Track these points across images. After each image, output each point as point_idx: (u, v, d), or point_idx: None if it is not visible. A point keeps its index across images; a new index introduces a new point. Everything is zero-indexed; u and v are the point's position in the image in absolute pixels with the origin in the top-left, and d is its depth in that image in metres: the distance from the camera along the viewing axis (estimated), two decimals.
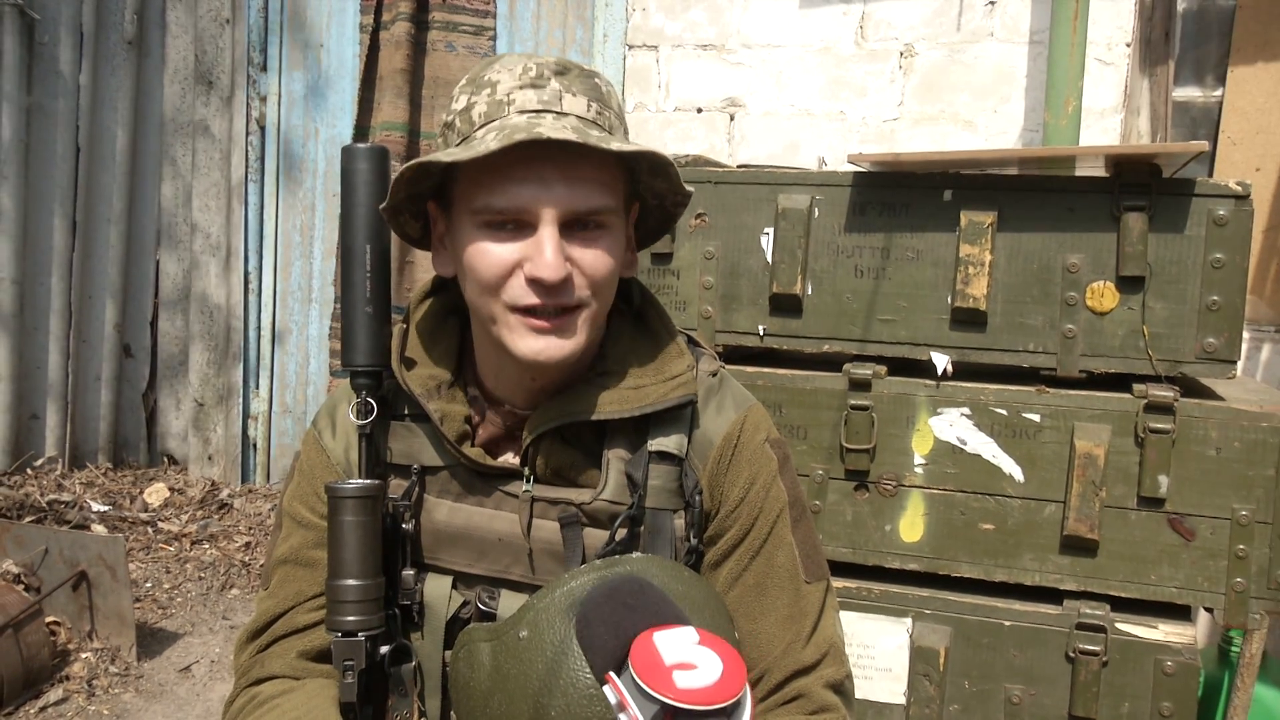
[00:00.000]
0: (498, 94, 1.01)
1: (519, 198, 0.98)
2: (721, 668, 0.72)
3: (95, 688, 2.88)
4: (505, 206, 0.99)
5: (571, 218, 1.00)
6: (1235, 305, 1.80)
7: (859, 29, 3.48)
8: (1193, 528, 1.82)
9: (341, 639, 1.05)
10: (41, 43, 4.34)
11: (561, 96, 1.01)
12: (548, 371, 1.08)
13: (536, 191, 0.98)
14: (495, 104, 1.01)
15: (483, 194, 1.00)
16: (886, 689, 1.95)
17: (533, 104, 1.00)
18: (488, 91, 1.02)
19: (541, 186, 0.98)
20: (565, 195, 0.99)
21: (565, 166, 0.99)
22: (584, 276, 1.02)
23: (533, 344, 1.02)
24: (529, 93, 1.00)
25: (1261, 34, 3.24)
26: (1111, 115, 3.24)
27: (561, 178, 0.98)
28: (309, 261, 4.37)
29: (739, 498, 1.11)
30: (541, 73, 1.02)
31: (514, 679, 0.96)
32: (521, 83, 1.01)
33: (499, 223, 1.00)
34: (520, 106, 1.00)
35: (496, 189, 0.99)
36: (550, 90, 1.01)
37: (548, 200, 0.98)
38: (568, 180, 0.99)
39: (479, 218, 1.01)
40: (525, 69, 1.02)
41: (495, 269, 1.01)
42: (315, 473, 1.16)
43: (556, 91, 1.01)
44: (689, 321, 2.09)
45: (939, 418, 1.93)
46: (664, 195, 1.14)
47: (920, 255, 1.95)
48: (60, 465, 4.36)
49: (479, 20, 3.95)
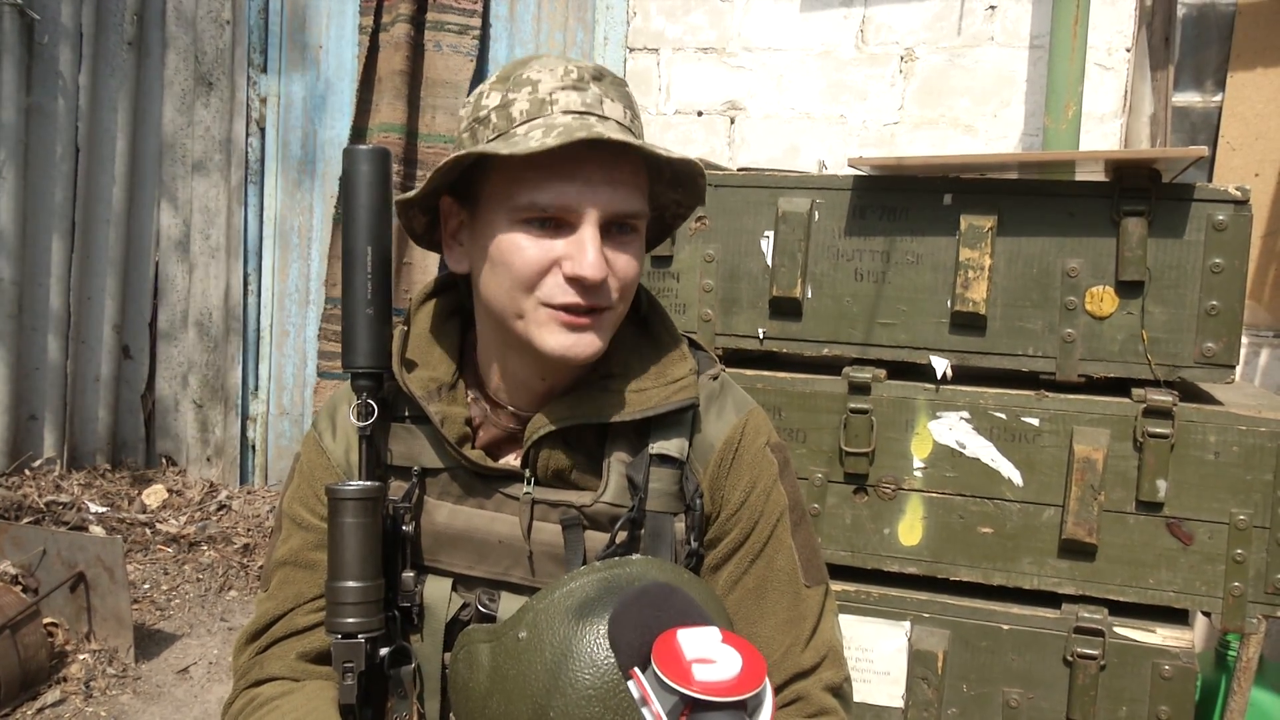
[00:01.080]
0: (539, 93, 1.01)
1: (564, 196, 0.99)
2: (741, 664, 0.72)
3: (93, 689, 2.88)
4: (550, 204, 0.99)
5: (611, 219, 1.01)
6: (1234, 310, 1.81)
7: (859, 33, 3.49)
8: (1191, 532, 1.82)
9: (341, 641, 1.05)
10: (41, 43, 4.34)
11: (602, 101, 1.02)
12: (567, 370, 1.08)
13: (582, 191, 0.99)
14: (538, 102, 1.01)
15: (525, 191, 1.00)
16: (885, 692, 1.95)
17: (576, 105, 1.01)
18: (528, 90, 1.02)
19: (586, 186, 0.99)
20: (608, 197, 1.00)
21: (609, 168, 1.00)
22: (616, 279, 1.03)
23: (564, 340, 1.02)
24: (572, 94, 1.01)
25: (1261, 39, 3.25)
26: (1111, 120, 3.24)
27: (605, 179, 0.99)
28: (307, 263, 4.37)
29: (739, 501, 1.12)
30: (582, 76, 1.02)
31: (513, 680, 0.96)
32: (564, 84, 1.02)
33: (539, 220, 1.00)
34: (564, 107, 1.00)
35: (541, 186, 0.99)
36: (592, 94, 1.02)
37: (592, 200, 0.99)
38: (611, 182, 1.00)
39: (519, 214, 1.01)
40: (567, 70, 1.02)
41: (533, 265, 1.01)
42: (315, 474, 1.16)
43: (598, 96, 1.02)
44: (689, 324, 2.09)
45: (938, 421, 1.93)
46: (667, 206, 1.14)
47: (920, 259, 1.95)
48: (58, 466, 4.35)
49: (464, 19, 3.95)
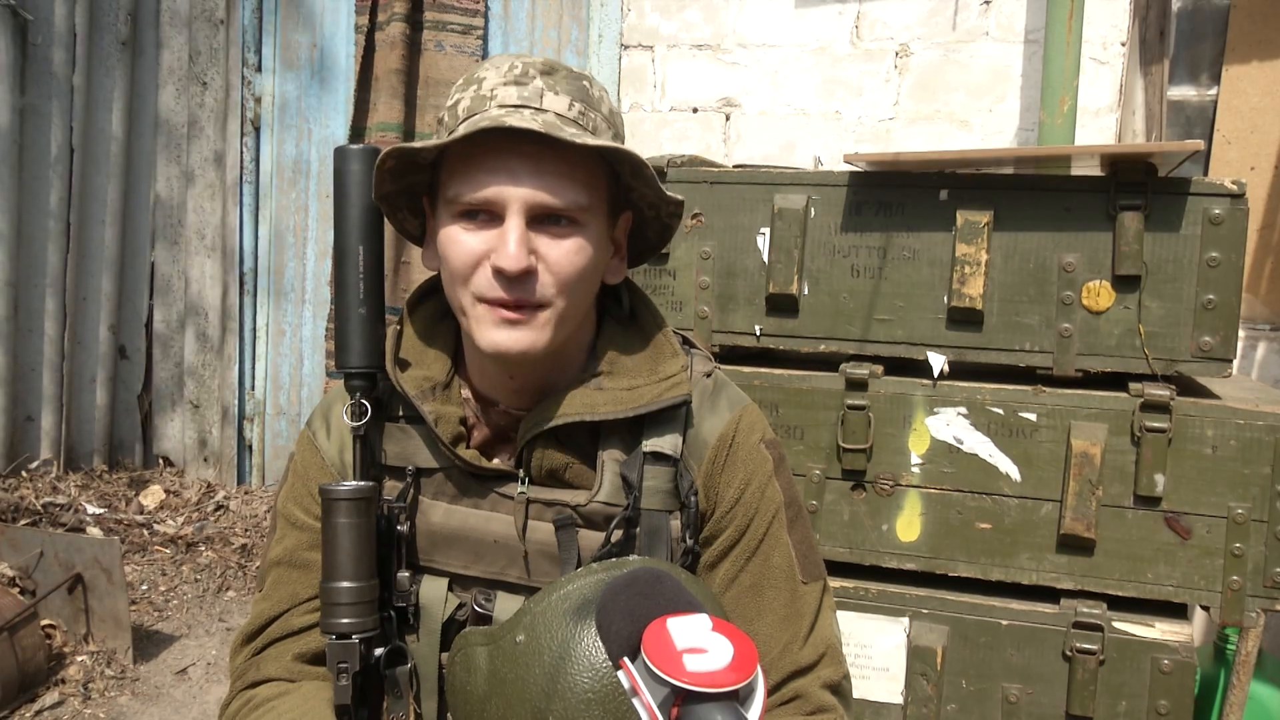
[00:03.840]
0: (482, 90, 1.04)
1: (487, 187, 1.00)
2: (733, 652, 0.72)
3: (91, 691, 2.87)
4: (474, 196, 1.01)
5: (540, 211, 1.01)
6: (1231, 304, 1.80)
7: (854, 28, 3.48)
8: (1189, 526, 1.82)
9: (336, 641, 1.05)
10: (34, 44, 4.32)
11: (543, 94, 1.02)
12: (519, 368, 1.08)
13: (505, 182, 1.00)
14: (478, 99, 1.03)
15: (455, 183, 1.02)
16: (884, 688, 1.95)
17: (512, 99, 1.01)
18: (474, 88, 1.04)
19: (510, 177, 0.99)
20: (532, 188, 1.00)
21: (536, 160, 1.00)
22: (550, 273, 1.02)
23: (495, 335, 1.03)
24: (510, 89, 1.02)
25: (1256, 33, 3.25)
26: (1107, 114, 3.24)
27: (531, 170, 1.00)
28: (303, 263, 4.36)
29: (734, 498, 1.11)
30: (527, 71, 1.03)
31: (511, 684, 0.96)
32: (505, 79, 1.03)
33: (471, 212, 1.02)
34: (500, 101, 1.02)
35: (468, 179, 1.01)
36: (532, 88, 1.02)
37: (515, 191, 1.00)
38: (537, 173, 1.00)
39: (453, 207, 1.03)
40: (511, 67, 1.04)
41: (464, 257, 1.02)
42: (309, 474, 1.16)
43: (539, 89, 1.02)
44: (685, 321, 2.09)
45: (936, 417, 1.93)
46: (658, 205, 1.14)
47: (916, 255, 1.95)
48: (55, 467, 4.34)
49: (467, 19, 3.94)
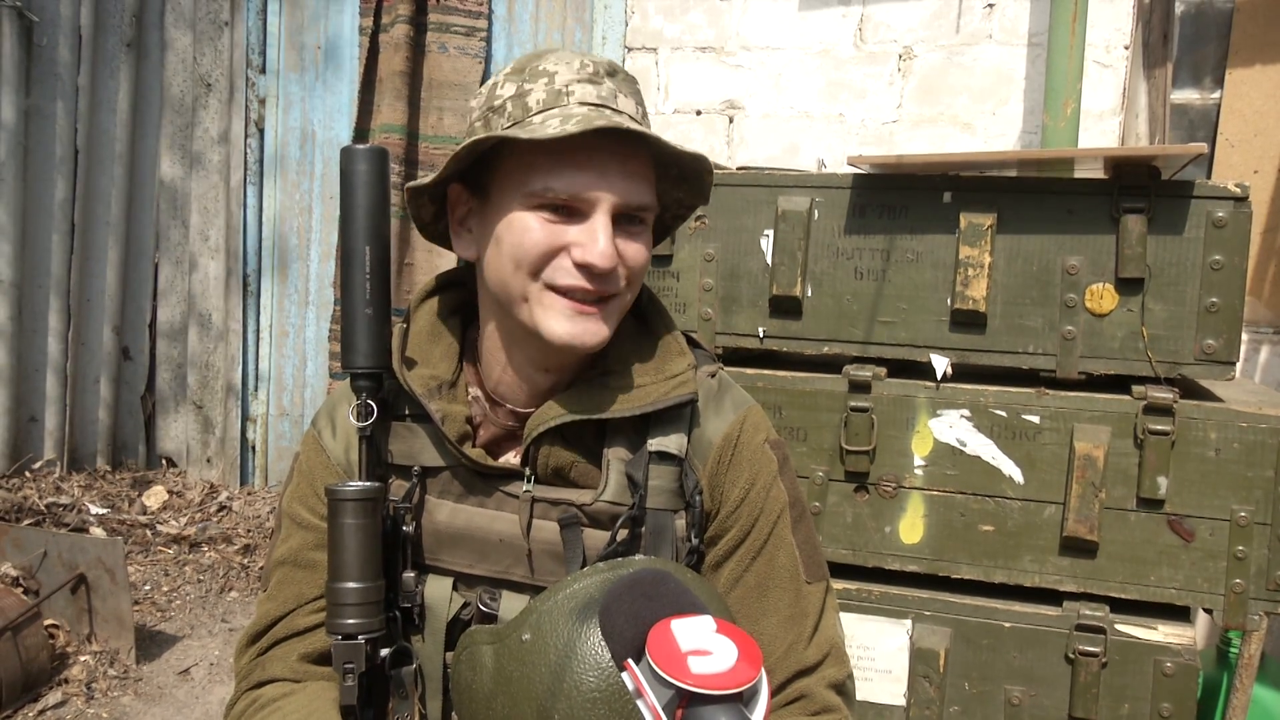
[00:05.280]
0: (556, 84, 1.03)
1: (578, 183, 1.01)
2: (737, 654, 0.72)
3: (94, 691, 2.88)
4: (564, 190, 1.01)
5: (622, 210, 1.03)
6: (1234, 307, 1.81)
7: (858, 31, 3.49)
8: (1192, 529, 1.82)
9: (341, 642, 1.05)
10: (40, 45, 4.34)
11: (616, 95, 1.04)
12: (571, 360, 1.09)
13: (596, 180, 1.01)
14: (554, 93, 1.03)
15: (539, 176, 1.02)
16: (887, 690, 1.95)
17: (592, 98, 1.02)
18: (544, 80, 1.04)
19: (601, 176, 1.01)
20: (622, 187, 1.02)
21: (623, 160, 1.02)
22: (625, 267, 1.05)
23: (570, 326, 1.04)
24: (588, 87, 1.03)
25: (1259, 36, 3.25)
26: (1110, 117, 3.24)
27: (620, 170, 1.02)
28: (306, 264, 4.37)
29: (739, 498, 1.11)
30: (598, 70, 1.05)
31: (517, 682, 0.96)
32: (580, 77, 1.04)
33: (553, 205, 1.02)
34: (580, 99, 1.02)
35: (556, 172, 1.01)
36: (606, 88, 1.04)
37: (605, 189, 1.01)
38: (625, 174, 1.02)
39: (532, 200, 1.02)
40: (583, 64, 1.05)
41: (541, 246, 1.02)
42: (315, 474, 1.16)
43: (612, 90, 1.04)
44: (689, 323, 2.09)
45: (939, 419, 1.93)
46: (669, 205, 1.15)
47: (920, 257, 1.95)
48: (59, 468, 4.35)
49: (471, 21, 3.95)
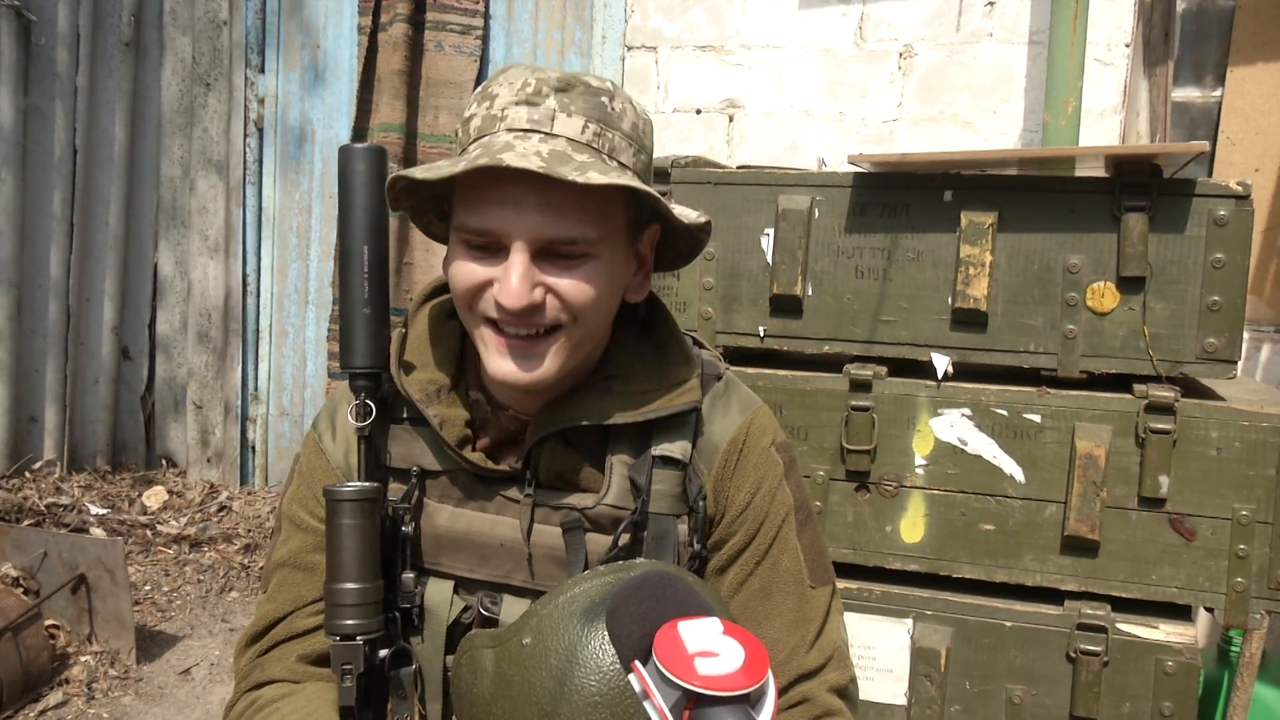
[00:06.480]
0: (494, 108, 0.99)
1: (491, 220, 0.97)
2: (744, 656, 0.71)
3: (95, 691, 2.87)
4: (478, 227, 0.98)
5: (545, 245, 0.97)
6: (1236, 305, 1.80)
7: (858, 29, 3.48)
8: (1193, 528, 1.82)
9: (340, 643, 1.04)
10: (38, 44, 4.33)
11: (554, 116, 0.97)
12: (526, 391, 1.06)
13: (509, 216, 0.96)
14: (489, 119, 0.99)
15: (463, 211, 1.00)
16: (887, 689, 1.94)
17: (522, 123, 0.97)
18: (486, 104, 1.00)
19: (515, 211, 0.96)
20: (538, 222, 0.96)
21: (543, 192, 0.95)
22: (560, 303, 0.99)
23: (503, 364, 1.01)
24: (521, 110, 0.97)
25: (1261, 34, 3.24)
26: (1111, 116, 3.23)
27: (537, 204, 0.95)
28: (306, 263, 4.36)
29: (744, 503, 1.11)
30: (540, 89, 0.98)
31: (518, 686, 0.95)
32: (517, 98, 0.98)
33: (476, 242, 0.99)
34: (510, 124, 0.97)
35: (474, 208, 0.98)
36: (544, 109, 0.97)
37: (519, 226, 0.96)
38: (542, 207, 0.95)
39: (459, 234, 1.01)
40: (525, 84, 0.98)
41: (468, 283, 1.00)
42: (314, 475, 1.16)
43: (550, 110, 0.97)
44: (689, 322, 2.09)
45: (940, 418, 1.93)
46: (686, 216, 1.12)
47: (921, 256, 1.95)
48: (59, 468, 4.35)
49: (466, 19, 3.95)
